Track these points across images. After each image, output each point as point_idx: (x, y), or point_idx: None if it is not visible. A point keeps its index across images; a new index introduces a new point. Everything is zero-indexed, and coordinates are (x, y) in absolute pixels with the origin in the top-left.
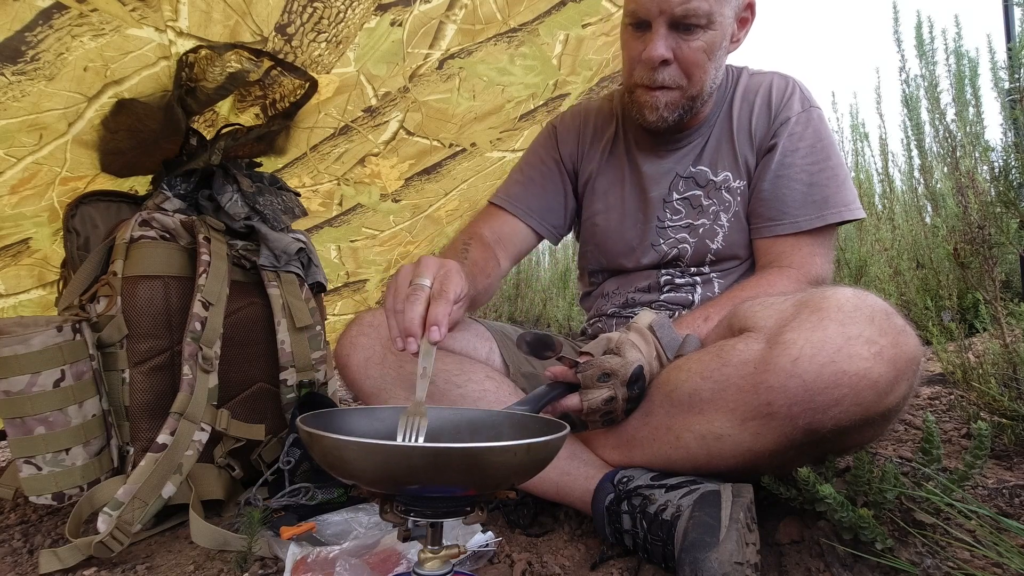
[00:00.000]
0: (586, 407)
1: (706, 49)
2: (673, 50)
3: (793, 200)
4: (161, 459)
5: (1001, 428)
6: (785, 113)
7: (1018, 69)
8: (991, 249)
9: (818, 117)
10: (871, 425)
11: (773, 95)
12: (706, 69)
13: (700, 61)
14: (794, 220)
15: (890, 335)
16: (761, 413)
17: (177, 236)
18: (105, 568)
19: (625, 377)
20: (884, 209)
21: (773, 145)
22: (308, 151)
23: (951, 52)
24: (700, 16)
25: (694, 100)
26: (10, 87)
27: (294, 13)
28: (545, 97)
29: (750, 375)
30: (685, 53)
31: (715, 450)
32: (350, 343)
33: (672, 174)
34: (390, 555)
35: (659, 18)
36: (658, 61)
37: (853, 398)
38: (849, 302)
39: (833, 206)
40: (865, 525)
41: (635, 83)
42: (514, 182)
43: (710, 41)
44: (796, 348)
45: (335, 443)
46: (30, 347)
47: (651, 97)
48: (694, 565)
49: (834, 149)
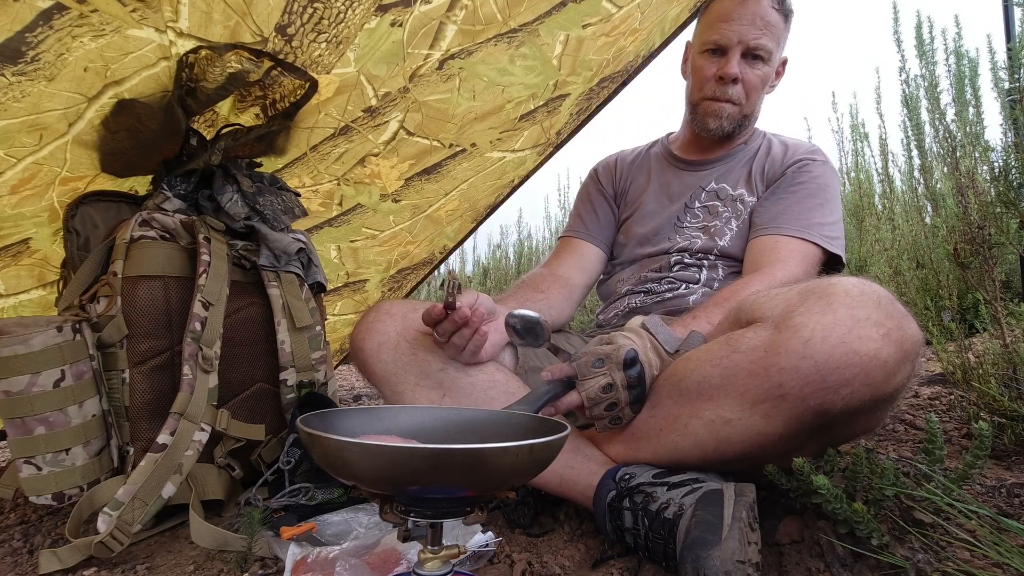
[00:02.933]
0: (585, 398)
1: (763, 78)
2: (741, 73)
3: (782, 212)
4: (161, 459)
5: (1001, 428)
6: (803, 155)
7: (1018, 69)
8: (991, 249)
9: (832, 171)
10: (877, 407)
11: (792, 145)
12: (759, 94)
13: (758, 87)
14: (778, 226)
15: (896, 318)
16: (772, 395)
17: (177, 236)
18: (105, 568)
19: (619, 359)
20: (884, 209)
21: (784, 172)
22: (308, 151)
23: (951, 52)
24: (766, 51)
25: (745, 119)
26: (10, 88)
27: (294, 13)
28: (545, 97)
29: (760, 359)
30: (749, 77)
31: (724, 435)
32: (366, 328)
33: (695, 187)
34: (390, 555)
35: (736, 47)
36: (732, 77)
37: (863, 378)
38: (856, 287)
39: (818, 229)
40: (859, 519)
41: (704, 96)
42: (572, 217)
43: (766, 73)
44: (807, 330)
45: (335, 444)
46: (30, 347)
47: (718, 107)
48: (696, 563)
49: (836, 200)
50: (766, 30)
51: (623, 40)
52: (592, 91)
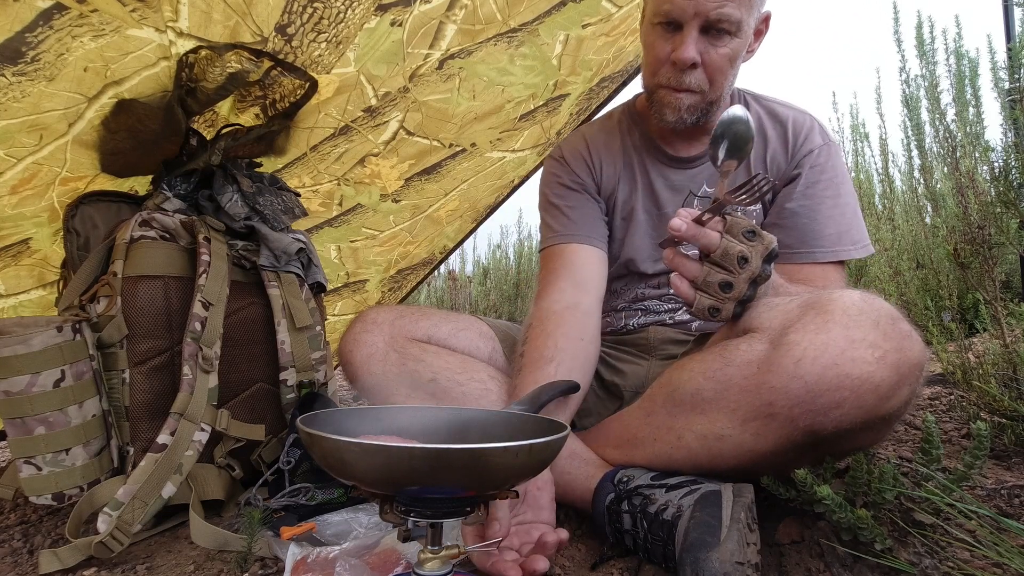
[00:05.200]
0: (721, 249)
1: (731, 56)
2: (701, 54)
3: (812, 232)
4: (161, 459)
5: (1001, 428)
6: (807, 145)
7: (1018, 69)
8: (991, 249)
9: (836, 151)
10: (872, 428)
11: (790, 128)
12: (727, 76)
13: (724, 68)
14: (811, 250)
15: (894, 340)
16: (763, 414)
17: (177, 236)
18: (105, 568)
19: (768, 246)
20: (884, 209)
21: (796, 175)
22: (308, 151)
23: (951, 52)
24: (731, 23)
25: (712, 105)
26: (10, 88)
27: (294, 13)
28: (545, 97)
29: (753, 375)
30: (712, 58)
31: (716, 450)
32: (353, 339)
33: (686, 192)
34: (390, 555)
35: (693, 20)
36: (688, 63)
37: (855, 401)
38: (854, 305)
39: (848, 240)
40: (864, 526)
41: (659, 83)
42: (553, 219)
43: (735, 49)
44: (799, 349)
45: (335, 444)
46: (30, 347)
47: (675, 98)
48: (695, 565)
49: (848, 182)
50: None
51: (623, 40)
52: (592, 91)
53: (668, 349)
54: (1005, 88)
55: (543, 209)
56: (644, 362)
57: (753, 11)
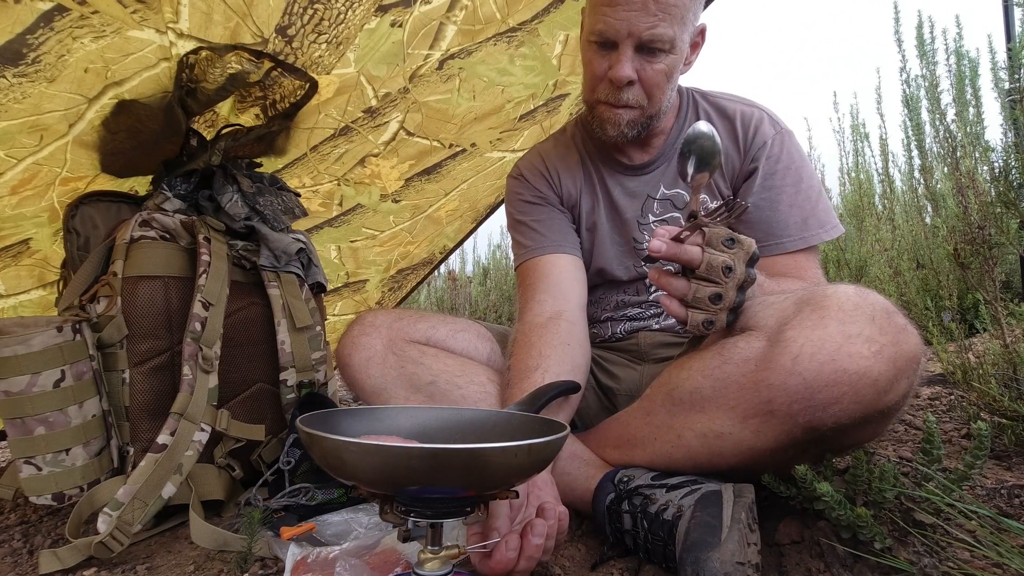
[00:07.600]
0: (705, 263)
1: (667, 72)
2: (637, 71)
3: (777, 223)
4: (161, 459)
5: (1001, 428)
6: (760, 138)
7: (1018, 69)
8: (991, 249)
9: (790, 138)
10: (871, 423)
11: (738, 124)
12: (665, 90)
13: (661, 83)
14: (779, 241)
15: (890, 334)
16: (762, 411)
17: (177, 236)
18: (105, 568)
19: (749, 249)
20: (884, 209)
21: (753, 169)
22: (308, 151)
23: (951, 52)
24: (664, 42)
25: (651, 119)
26: (11, 89)
27: (295, 14)
28: (545, 97)
29: (751, 373)
30: (648, 75)
31: (716, 448)
32: (351, 342)
33: (643, 196)
34: (390, 555)
35: (626, 40)
36: (624, 82)
37: (853, 396)
38: (850, 300)
39: (815, 224)
40: (863, 524)
41: (598, 99)
42: (524, 235)
43: (671, 64)
44: (796, 346)
45: (335, 444)
46: (30, 347)
47: (614, 114)
48: (695, 565)
49: (807, 166)
50: (663, 13)
51: None
52: None
53: (661, 352)
54: (1005, 88)
55: (511, 228)
56: (638, 367)
57: (687, 27)
